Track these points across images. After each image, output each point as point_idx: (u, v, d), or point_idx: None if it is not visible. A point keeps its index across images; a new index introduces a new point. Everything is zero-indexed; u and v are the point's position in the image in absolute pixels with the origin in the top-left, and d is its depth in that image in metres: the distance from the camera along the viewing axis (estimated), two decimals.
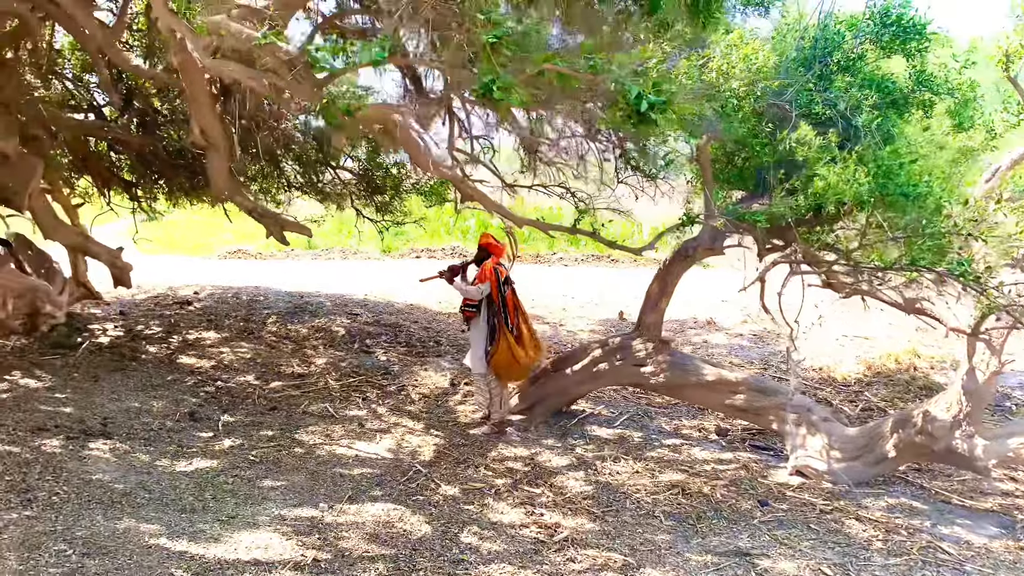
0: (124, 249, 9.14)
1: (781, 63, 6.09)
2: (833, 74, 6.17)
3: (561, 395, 7.40)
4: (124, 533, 4.07)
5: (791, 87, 5.90)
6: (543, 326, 10.98)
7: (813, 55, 6.34)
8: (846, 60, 6.26)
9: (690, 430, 7.34)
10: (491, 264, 6.81)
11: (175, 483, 5.02)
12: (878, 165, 4.28)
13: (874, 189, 4.30)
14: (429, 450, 6.41)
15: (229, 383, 7.92)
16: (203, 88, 4.75)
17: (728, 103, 5.01)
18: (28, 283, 8.69)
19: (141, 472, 5.14)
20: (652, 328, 7.02)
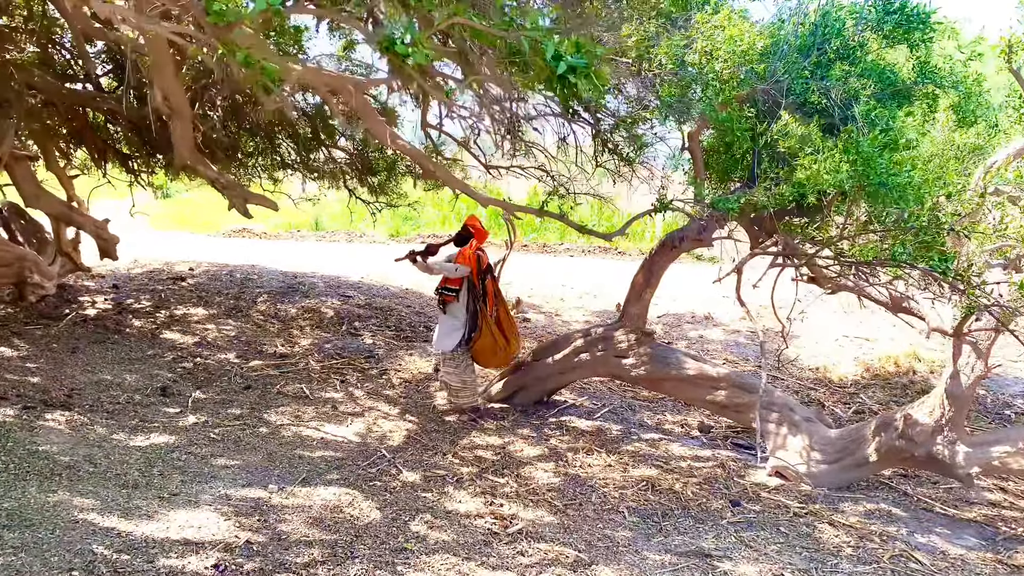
0: (110, 220, 9.04)
1: (775, 48, 5.87)
2: (831, 62, 5.93)
3: (541, 384, 7.23)
4: (54, 506, 3.96)
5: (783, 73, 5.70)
6: (538, 315, 10.81)
7: (812, 41, 6.10)
8: (845, 48, 6.02)
9: (672, 425, 7.15)
10: (472, 248, 6.66)
11: (125, 458, 4.91)
12: (858, 152, 4.05)
13: (854, 178, 4.07)
14: (399, 435, 6.27)
15: (208, 360, 7.82)
16: (165, 52, 4.60)
17: (709, 86, 4.78)
18: (15, 252, 8.65)
19: (92, 445, 5.03)
20: (635, 319, 6.81)
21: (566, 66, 2.47)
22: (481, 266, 6.74)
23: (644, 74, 4.92)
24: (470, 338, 6.71)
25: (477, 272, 6.68)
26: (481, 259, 6.74)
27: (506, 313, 6.93)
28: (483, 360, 6.93)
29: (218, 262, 12.54)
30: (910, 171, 3.93)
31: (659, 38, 4.89)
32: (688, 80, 4.73)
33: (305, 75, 3.88)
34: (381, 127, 4.14)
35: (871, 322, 9.71)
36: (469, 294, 6.70)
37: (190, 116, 4.96)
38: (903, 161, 3.96)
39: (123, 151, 10.62)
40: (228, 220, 19.59)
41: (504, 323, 6.86)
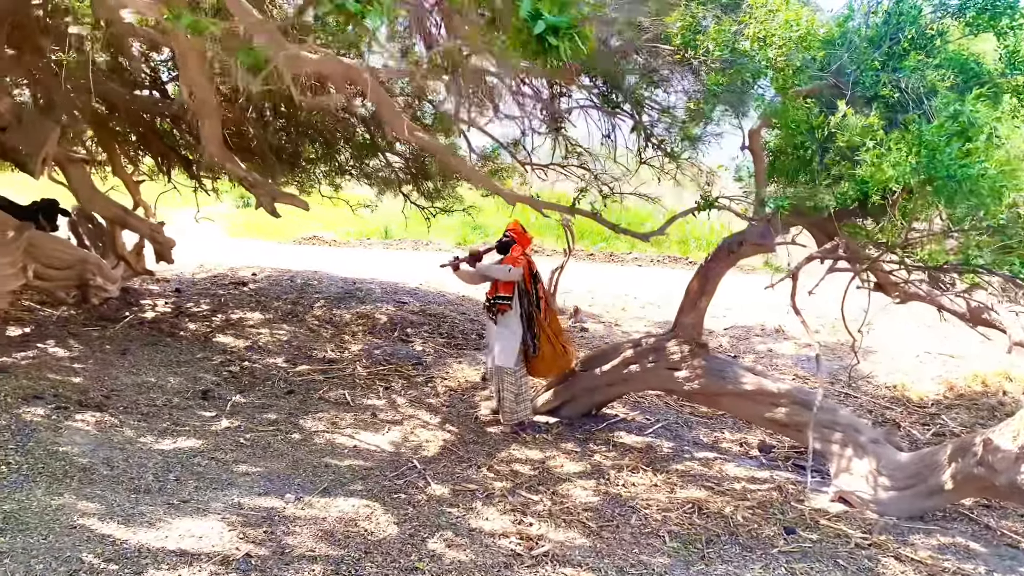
0: (165, 224, 9.12)
1: (843, 39, 5.42)
2: (905, 53, 5.43)
3: (589, 396, 6.88)
4: (56, 510, 3.84)
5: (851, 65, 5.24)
6: (597, 325, 10.45)
7: (884, 32, 5.62)
8: (921, 37, 5.50)
9: (730, 444, 6.69)
10: (521, 252, 6.38)
11: (144, 461, 4.80)
12: (921, 142, 3.59)
13: (918, 171, 3.61)
14: (435, 446, 6.02)
15: (256, 364, 7.75)
16: (190, 46, 4.48)
17: (760, 74, 4.38)
18: (78, 255, 8.77)
19: (115, 447, 4.94)
20: (689, 329, 6.40)
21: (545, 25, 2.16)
22: (531, 270, 6.46)
23: (689, 62, 4.56)
24: (534, 346, 6.41)
25: (530, 276, 6.40)
26: (531, 264, 6.46)
27: (556, 320, 6.62)
28: (541, 370, 6.64)
29: (282, 268, 12.61)
30: (983, 162, 3.44)
31: (707, 23, 4.51)
32: (739, 68, 4.33)
33: (318, 64, 3.68)
34: (399, 119, 3.91)
35: (956, 337, 8.97)
36: (522, 301, 6.41)
37: (218, 111, 4.85)
38: (975, 151, 3.48)
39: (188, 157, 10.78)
40: (299, 228, 19.87)
41: (557, 330, 6.56)
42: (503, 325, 6.40)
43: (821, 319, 10.45)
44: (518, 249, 6.40)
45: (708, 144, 6.20)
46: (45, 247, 8.29)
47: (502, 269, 6.28)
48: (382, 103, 3.85)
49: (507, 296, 6.36)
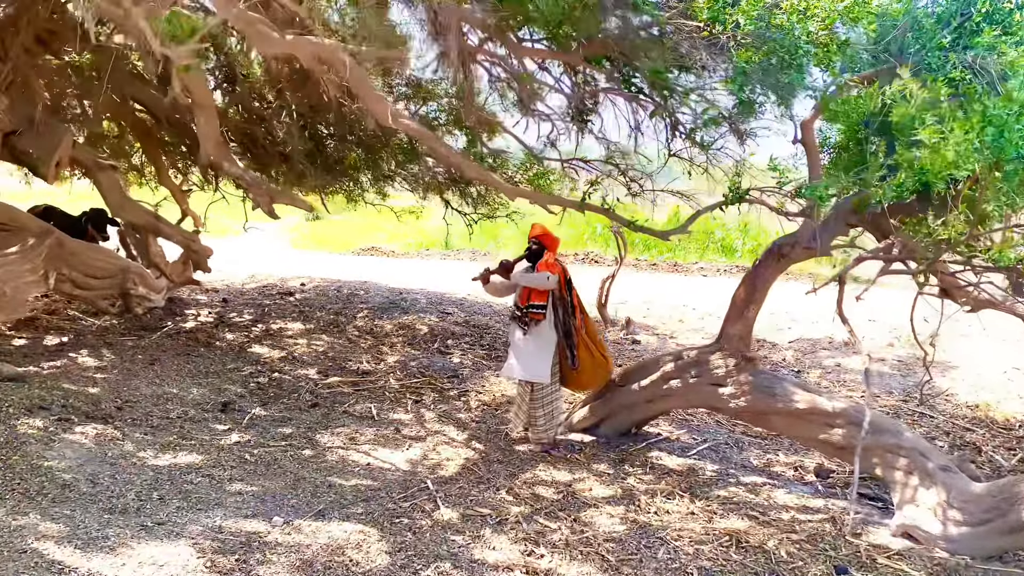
0: (200, 232, 9.01)
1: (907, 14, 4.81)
2: (978, 28, 4.78)
3: (628, 414, 6.35)
4: (13, 531, 3.58)
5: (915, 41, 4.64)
6: (650, 337, 9.89)
7: (955, 7, 4.98)
8: (998, 11, 4.85)
9: (783, 467, 6.06)
10: (552, 258, 5.93)
11: (133, 478, 4.53)
12: (986, 117, 3.00)
13: (982, 153, 3.02)
14: (456, 464, 5.61)
15: (286, 375, 7.51)
16: None
17: (799, 49, 3.83)
18: (119, 264, 8.76)
19: (106, 462, 4.70)
20: (735, 341, 5.82)
21: None
22: (566, 276, 5.99)
23: (717, 39, 4.05)
24: (574, 360, 5.95)
25: (565, 283, 5.94)
26: (564, 269, 6.00)
27: (592, 327, 6.14)
28: (581, 382, 6.22)
29: (332, 278, 12.45)
30: None
31: None
32: (773, 44, 3.80)
33: (291, 44, 3.34)
34: (381, 105, 3.54)
35: None
36: (556, 310, 5.94)
37: (214, 108, 4.59)
38: None
39: None
40: (362, 239, 19.85)
41: (594, 338, 6.08)
42: (535, 335, 5.94)
43: (896, 331, 9.65)
44: (550, 255, 5.96)
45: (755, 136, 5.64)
46: (85, 256, 8.28)
47: (540, 277, 5.82)
48: (362, 87, 3.49)
49: (541, 304, 5.91)
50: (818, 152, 5.24)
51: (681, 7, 4.09)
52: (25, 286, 6.18)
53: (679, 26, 4.05)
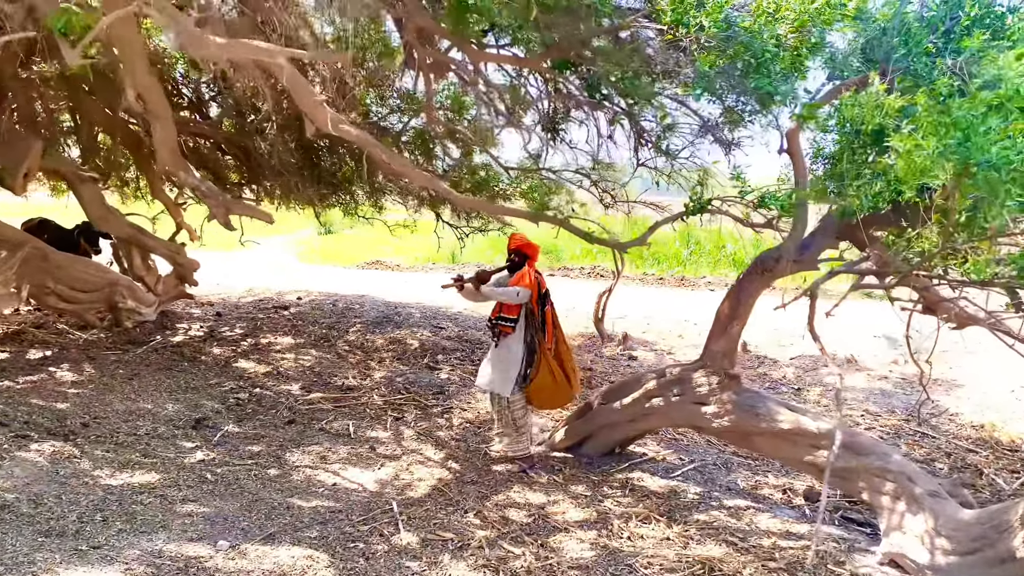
0: (186, 245, 8.90)
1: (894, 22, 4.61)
2: (967, 31, 4.57)
3: (610, 433, 6.14)
4: None
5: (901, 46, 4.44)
6: (647, 353, 9.65)
7: (945, 12, 4.78)
8: (988, 14, 4.64)
9: (771, 490, 5.82)
10: (530, 270, 5.74)
11: (79, 498, 4.38)
12: (951, 120, 2.79)
13: (947, 157, 2.81)
14: (427, 485, 5.41)
15: (268, 391, 7.36)
16: (137, 45, 4.11)
17: (765, 53, 3.63)
18: (107, 277, 8.68)
19: (55, 481, 4.55)
20: (719, 358, 5.59)
21: None
22: (540, 290, 5.79)
23: (680, 42, 3.86)
24: (527, 375, 5.77)
25: (537, 297, 5.74)
26: (540, 282, 5.80)
27: (565, 346, 5.93)
28: (540, 401, 5.98)
29: (329, 292, 12.33)
30: None
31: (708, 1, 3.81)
32: (741, 46, 3.60)
33: (226, 48, 3.20)
34: (320, 110, 3.39)
35: None
36: (526, 324, 5.76)
37: (170, 117, 4.46)
38: (1019, 128, 2.65)
39: (232, 179, 10.64)
40: (369, 254, 19.77)
41: (564, 357, 5.87)
42: (504, 348, 5.78)
43: (901, 348, 9.35)
44: (529, 267, 5.76)
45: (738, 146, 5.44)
46: (71, 269, 8.22)
47: (510, 293, 5.63)
48: (300, 91, 3.34)
49: (512, 318, 5.73)
50: (803, 162, 5.02)
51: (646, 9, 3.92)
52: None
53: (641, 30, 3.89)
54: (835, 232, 5.08)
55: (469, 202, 4.63)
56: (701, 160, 5.01)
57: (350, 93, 7.63)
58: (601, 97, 4.55)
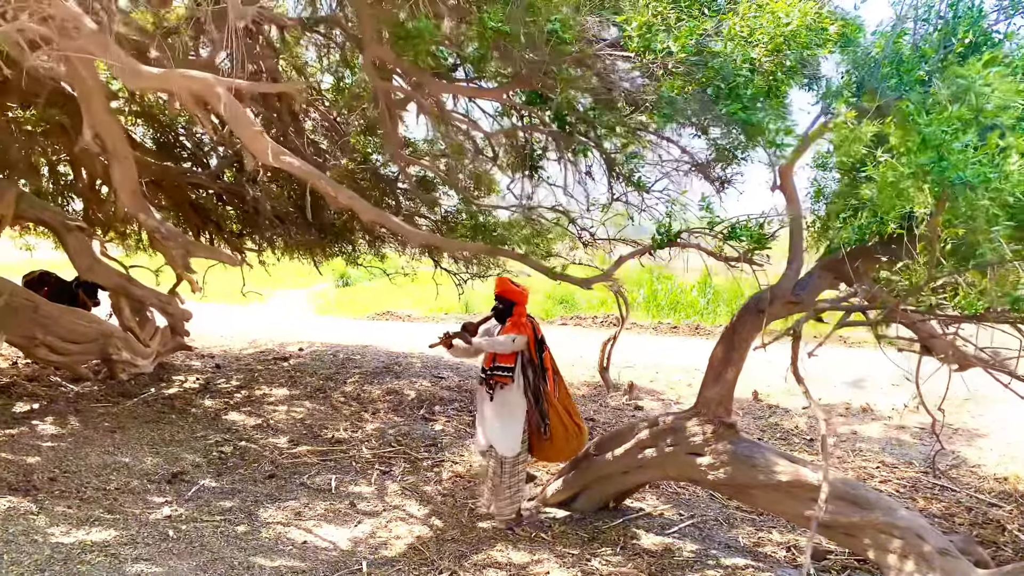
0: (178, 295, 8.77)
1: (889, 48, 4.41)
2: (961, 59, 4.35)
3: (603, 486, 5.81)
4: None
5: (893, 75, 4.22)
6: (654, 403, 9.30)
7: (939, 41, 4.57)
8: (986, 41, 4.42)
9: (775, 547, 5.43)
10: (521, 313, 5.38)
11: (24, 557, 4.15)
12: (921, 139, 2.54)
13: (922, 179, 2.55)
14: (403, 543, 5.11)
15: (253, 444, 7.13)
16: (94, 83, 4.01)
17: (736, 77, 3.42)
18: (101, 328, 8.55)
19: (2, 540, 4.32)
20: (713, 406, 5.27)
21: None
22: (536, 335, 5.46)
23: (648, 68, 3.67)
24: (546, 428, 5.40)
25: (535, 342, 5.39)
26: (536, 327, 5.46)
27: (566, 392, 5.61)
28: (552, 454, 5.63)
29: (332, 342, 12.15)
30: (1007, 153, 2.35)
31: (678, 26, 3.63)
32: (711, 69, 3.39)
33: (161, 79, 3.05)
34: (259, 141, 3.22)
35: None
36: (525, 373, 5.40)
37: (130, 156, 4.33)
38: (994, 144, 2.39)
39: (233, 228, 10.58)
40: (385, 305, 19.63)
41: (568, 404, 5.54)
42: (501, 402, 5.40)
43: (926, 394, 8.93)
44: (519, 311, 5.43)
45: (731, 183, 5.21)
46: (63, 321, 8.10)
47: (504, 342, 5.28)
48: (238, 122, 3.18)
49: (508, 367, 5.36)
50: (797, 199, 4.78)
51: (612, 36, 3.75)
52: None
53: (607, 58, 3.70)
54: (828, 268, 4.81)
55: (419, 236, 4.44)
56: (673, 192, 4.77)
57: (342, 138, 7.58)
58: (569, 128, 4.36)
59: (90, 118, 4.09)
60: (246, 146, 3.42)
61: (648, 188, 4.73)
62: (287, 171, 3.54)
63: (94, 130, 4.09)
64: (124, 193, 4.42)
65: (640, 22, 3.53)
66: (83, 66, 3.86)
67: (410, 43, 3.25)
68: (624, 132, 4.20)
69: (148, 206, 4.82)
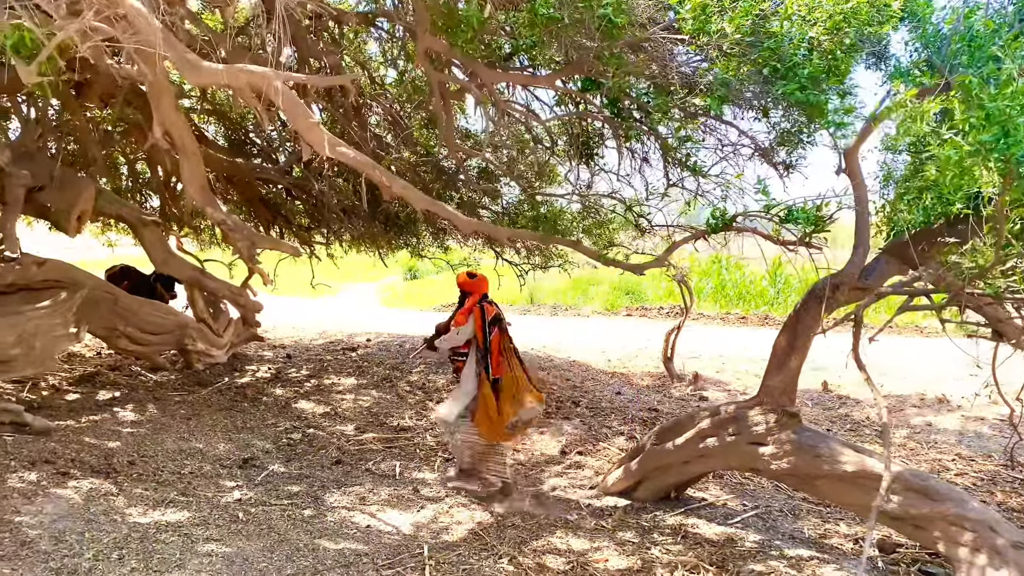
0: (250, 287, 9.02)
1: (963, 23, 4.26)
2: None
3: (663, 475, 5.77)
4: None
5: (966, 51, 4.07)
6: (719, 393, 9.18)
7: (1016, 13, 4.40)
8: None
9: (841, 540, 5.32)
10: (471, 303, 5.83)
11: (102, 536, 4.34)
12: (986, 115, 2.45)
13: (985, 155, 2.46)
14: (464, 529, 5.18)
15: (321, 431, 7.31)
16: (163, 81, 4.16)
17: (794, 56, 3.35)
18: (176, 320, 8.86)
19: (83, 519, 4.54)
20: (777, 395, 5.19)
21: None
22: (486, 317, 5.75)
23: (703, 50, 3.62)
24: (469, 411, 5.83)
25: (481, 326, 5.73)
26: (486, 311, 5.78)
27: (521, 374, 5.73)
28: (482, 432, 5.83)
29: (399, 333, 12.34)
30: None
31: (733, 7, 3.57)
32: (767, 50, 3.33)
33: (223, 74, 3.16)
34: (315, 132, 3.30)
35: None
36: (474, 355, 5.80)
37: (197, 152, 4.49)
38: None
39: (301, 222, 10.86)
40: (450, 297, 19.84)
41: (511, 387, 5.67)
42: (459, 380, 5.92)
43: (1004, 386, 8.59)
44: (471, 301, 5.85)
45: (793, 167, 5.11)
46: (142, 313, 8.42)
47: (452, 336, 5.88)
48: (295, 114, 3.27)
49: (462, 352, 5.88)
50: (863, 182, 4.65)
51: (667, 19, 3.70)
52: (55, 340, 6.25)
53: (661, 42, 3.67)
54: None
55: (470, 223, 4.47)
56: (729, 176, 4.70)
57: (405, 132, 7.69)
58: (624, 114, 4.33)
59: (159, 115, 4.25)
60: (302, 137, 3.52)
61: (704, 173, 4.67)
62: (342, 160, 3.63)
63: (163, 127, 4.26)
64: (192, 187, 4.60)
65: (694, 4, 3.49)
66: (151, 64, 4.01)
67: (459, 31, 3.30)
68: (679, 116, 4.17)
69: (215, 200, 5.00)
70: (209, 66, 3.17)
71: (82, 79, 5.98)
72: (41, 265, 6.74)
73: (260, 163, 9.50)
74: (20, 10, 2.63)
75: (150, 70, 3.98)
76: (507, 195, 8.89)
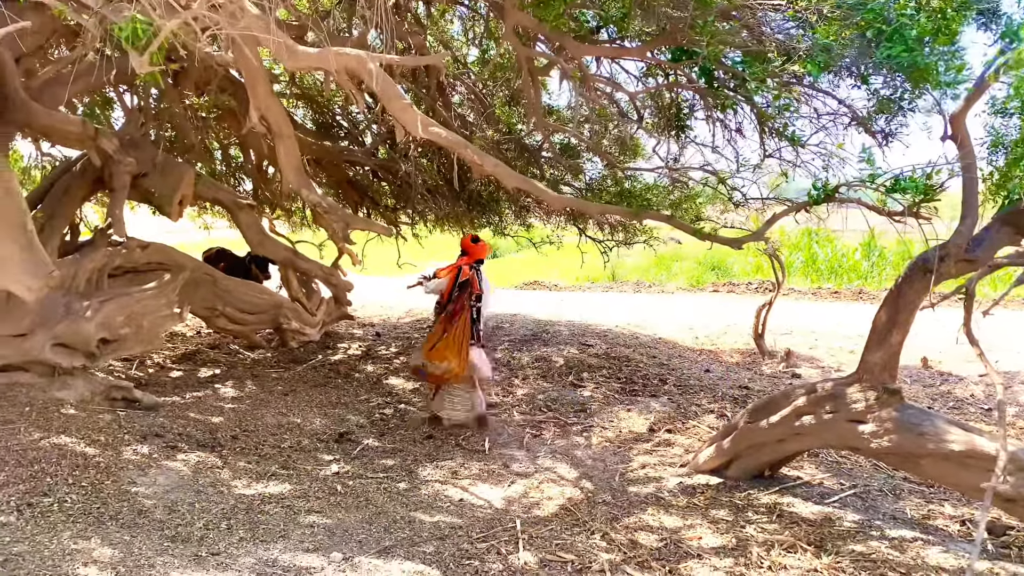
0: (340, 267, 9.23)
1: None
2: None
3: (757, 454, 5.67)
4: (69, 554, 3.60)
5: None
6: (812, 370, 8.95)
7: None
8: None
9: (947, 521, 5.13)
10: (460, 262, 6.60)
11: (212, 506, 4.55)
12: None
13: None
14: (555, 504, 5.22)
15: (412, 407, 7.48)
16: (258, 67, 4.28)
17: (900, 17, 3.19)
18: (272, 300, 9.17)
19: (193, 490, 4.76)
20: (877, 371, 5.02)
21: None
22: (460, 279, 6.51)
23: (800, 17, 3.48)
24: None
25: (451, 286, 6.52)
26: (462, 273, 6.47)
27: (462, 334, 6.46)
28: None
29: None
30: None
31: None
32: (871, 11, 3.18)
33: (319, 58, 3.23)
34: (409, 114, 3.33)
35: None
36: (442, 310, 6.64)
37: (292, 135, 4.60)
38: None
39: (387, 203, 11.04)
40: (531, 276, 19.89)
41: (452, 343, 6.45)
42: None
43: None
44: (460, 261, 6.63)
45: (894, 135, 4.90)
46: (239, 293, 8.74)
47: (436, 283, 6.61)
48: (389, 96, 3.31)
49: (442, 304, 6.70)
50: (971, 148, 4.44)
51: None
52: (160, 320, 6.54)
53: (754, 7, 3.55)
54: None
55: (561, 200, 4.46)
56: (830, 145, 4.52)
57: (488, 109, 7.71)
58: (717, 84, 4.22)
59: (256, 100, 4.38)
60: (396, 119, 3.56)
61: (803, 143, 4.51)
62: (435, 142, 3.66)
63: (260, 112, 4.38)
64: (288, 170, 4.73)
65: None
66: (248, 50, 4.12)
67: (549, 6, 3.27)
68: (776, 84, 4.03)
69: (311, 182, 5.13)
70: (305, 51, 3.24)
71: (179, 67, 6.19)
72: (145, 248, 7.06)
73: (347, 145, 9.68)
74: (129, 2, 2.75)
75: (250, 56, 4.09)
76: (589, 171, 8.82)
